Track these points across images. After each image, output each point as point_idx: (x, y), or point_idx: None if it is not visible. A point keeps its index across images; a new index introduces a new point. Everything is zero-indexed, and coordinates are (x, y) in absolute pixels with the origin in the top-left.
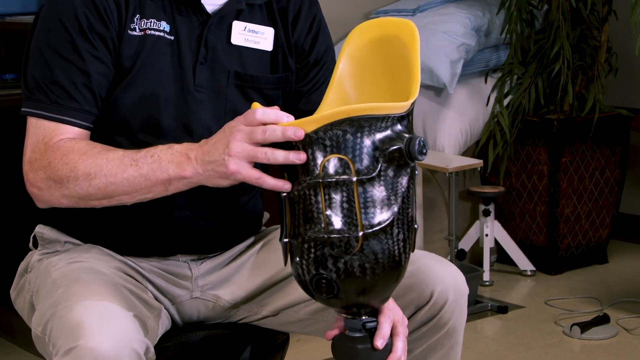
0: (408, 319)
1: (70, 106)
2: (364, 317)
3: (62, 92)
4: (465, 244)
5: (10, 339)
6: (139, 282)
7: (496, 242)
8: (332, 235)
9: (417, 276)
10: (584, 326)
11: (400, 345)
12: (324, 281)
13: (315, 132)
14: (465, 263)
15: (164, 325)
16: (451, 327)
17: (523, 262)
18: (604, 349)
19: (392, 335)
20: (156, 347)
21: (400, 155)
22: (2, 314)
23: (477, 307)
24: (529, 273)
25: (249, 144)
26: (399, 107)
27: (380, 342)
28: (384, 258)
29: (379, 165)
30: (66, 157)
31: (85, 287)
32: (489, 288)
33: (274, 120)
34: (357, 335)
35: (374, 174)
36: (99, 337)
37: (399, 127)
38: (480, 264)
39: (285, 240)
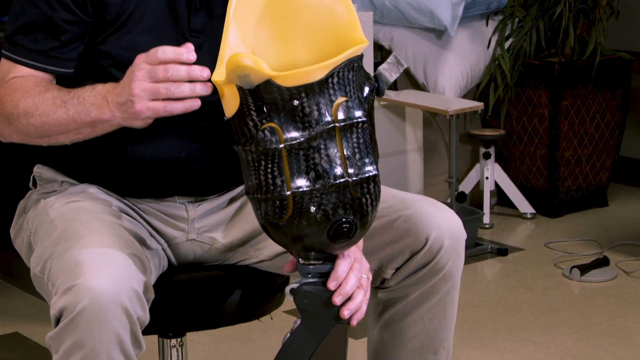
0: (403, 264)
1: (27, 47)
2: (328, 263)
3: (23, 37)
4: (466, 186)
5: (10, 280)
6: (136, 221)
7: (496, 184)
8: (353, 178)
9: (412, 221)
10: (584, 269)
11: (351, 280)
12: (345, 225)
13: (325, 78)
14: (466, 206)
15: (160, 265)
16: (447, 272)
17: (523, 204)
18: (603, 291)
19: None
20: (153, 286)
21: (372, 89)
22: (2, 255)
23: (477, 250)
24: (529, 216)
25: (151, 82)
26: (365, 42)
27: (333, 284)
28: (379, 192)
29: (367, 103)
30: (12, 94)
31: (84, 226)
32: (489, 231)
33: (172, 58)
34: (318, 280)
35: (370, 112)
36: (98, 276)
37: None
38: (481, 207)
39: (287, 193)
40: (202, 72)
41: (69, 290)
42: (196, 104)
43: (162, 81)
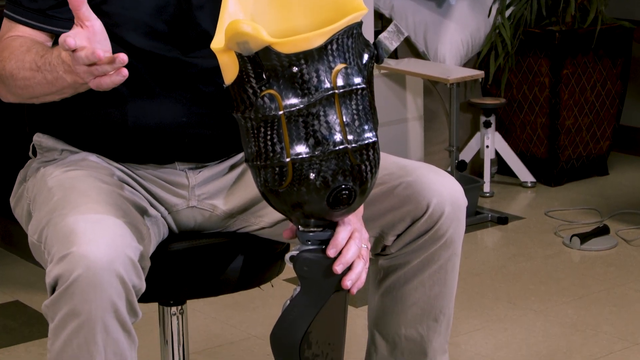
0: (404, 231)
1: (26, 6)
2: (328, 230)
3: None
4: (466, 155)
5: (11, 249)
6: (135, 190)
7: (497, 153)
8: (352, 145)
9: (413, 188)
10: (584, 237)
11: (352, 248)
12: (345, 192)
13: (325, 44)
14: (466, 174)
15: (160, 233)
16: (448, 239)
17: (523, 173)
18: (603, 259)
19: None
20: (154, 254)
21: (372, 56)
22: (2, 224)
23: (477, 218)
24: (529, 184)
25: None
26: (364, 9)
27: (332, 251)
28: (378, 158)
29: (367, 70)
30: (2, 54)
31: (80, 195)
32: (489, 199)
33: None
34: (318, 247)
35: (369, 79)
36: (92, 244)
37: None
38: (481, 175)
39: (287, 160)
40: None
41: (63, 258)
42: (123, 57)
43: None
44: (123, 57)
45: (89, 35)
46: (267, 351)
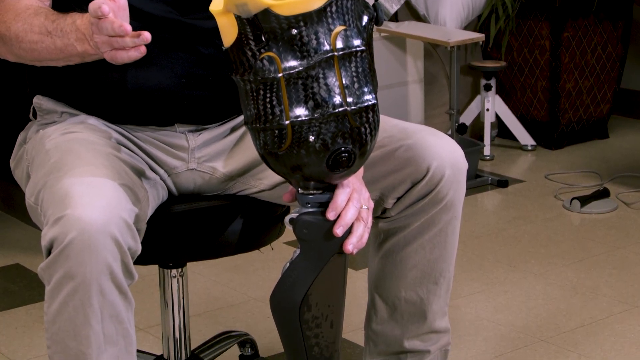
0: (404, 193)
1: None
2: (327, 193)
3: None
4: (466, 118)
5: (11, 212)
6: (134, 152)
7: (497, 116)
8: (352, 107)
9: (413, 150)
10: (584, 200)
11: (351, 210)
12: (344, 154)
13: (324, 6)
14: (466, 137)
15: (160, 195)
16: (448, 201)
17: (524, 136)
18: (603, 222)
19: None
20: (153, 216)
21: (371, 18)
22: (3, 187)
23: (478, 181)
24: (530, 147)
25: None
26: None
27: (332, 214)
28: (378, 121)
29: (366, 32)
30: (5, 15)
31: (76, 157)
32: (490, 162)
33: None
34: (317, 210)
35: (368, 41)
36: (87, 206)
37: None
38: (481, 139)
39: (286, 122)
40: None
41: (58, 221)
42: (147, 36)
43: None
44: (147, 36)
45: (115, 9)
46: (267, 314)
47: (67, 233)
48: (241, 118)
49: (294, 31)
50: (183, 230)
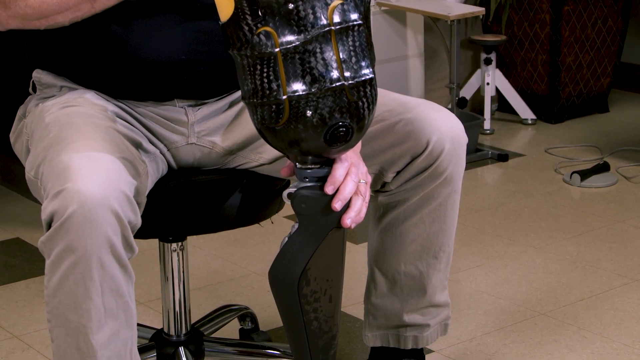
0: (404, 167)
1: None
2: (325, 167)
3: None
4: (467, 92)
5: (11, 187)
6: (134, 126)
7: (497, 90)
8: (349, 82)
9: (413, 124)
10: (584, 174)
11: (349, 184)
12: (342, 129)
13: None
14: (466, 111)
15: (159, 169)
16: (448, 175)
17: (524, 110)
18: (603, 196)
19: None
20: (153, 190)
21: None
22: (2, 161)
23: (478, 155)
24: (530, 121)
25: None
26: None
27: (330, 188)
28: (376, 95)
29: (363, 6)
30: None
31: (76, 131)
32: (490, 136)
33: None
34: (315, 184)
35: (366, 15)
36: (86, 180)
37: None
38: (481, 112)
39: (283, 97)
40: None
41: (58, 194)
42: None
43: None
44: None
45: None
46: (267, 287)
47: (67, 206)
48: (239, 93)
49: (291, 5)
50: (183, 204)
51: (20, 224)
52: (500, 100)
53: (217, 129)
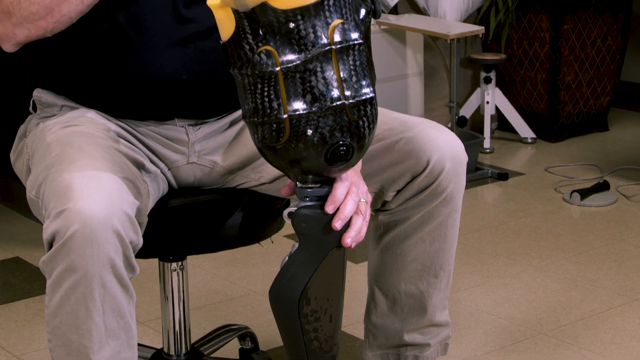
0: (404, 186)
1: None
2: (326, 186)
3: None
4: (466, 111)
5: (11, 206)
6: (135, 146)
7: (497, 109)
8: (350, 101)
9: (414, 143)
10: (584, 193)
11: (349, 204)
12: (343, 148)
13: (321, 0)
14: (466, 130)
15: (160, 189)
16: (448, 194)
17: (524, 129)
18: (603, 215)
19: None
20: (153, 209)
21: (369, 11)
22: (2, 180)
23: (478, 174)
24: (530, 140)
25: None
26: None
27: (330, 207)
28: (376, 114)
29: (364, 25)
30: None
31: (78, 150)
32: (490, 155)
33: None
34: (316, 203)
35: (366, 34)
36: (88, 199)
37: None
38: (481, 131)
39: (284, 116)
40: None
41: (60, 214)
42: None
43: None
44: None
45: None
46: (267, 307)
47: (69, 226)
48: (239, 112)
49: (292, 25)
50: (183, 224)
51: (20, 243)
52: (500, 119)
53: (217, 148)
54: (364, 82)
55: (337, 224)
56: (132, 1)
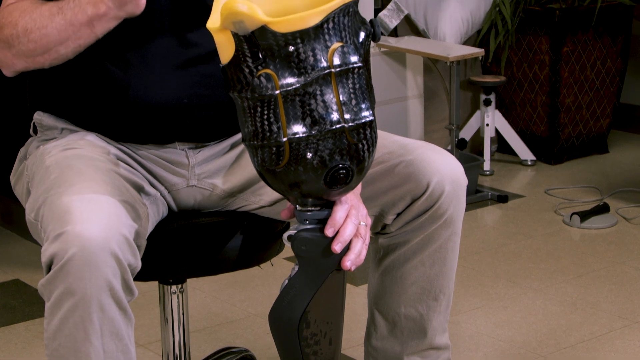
0: (404, 209)
1: None
2: (325, 209)
3: None
4: (466, 133)
5: (11, 228)
6: (134, 169)
7: (497, 131)
8: (349, 124)
9: (413, 166)
10: (584, 215)
11: (349, 227)
12: (342, 171)
13: (320, 23)
14: (466, 152)
15: (160, 212)
16: (448, 218)
17: (523, 151)
18: (603, 238)
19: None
20: (153, 232)
21: (368, 34)
22: (2, 203)
23: (478, 197)
24: (530, 162)
25: None
26: None
27: (330, 231)
28: (376, 137)
29: (363, 48)
30: (10, 17)
31: (77, 173)
32: (490, 177)
33: None
34: (316, 226)
35: (366, 57)
36: (87, 223)
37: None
38: (481, 154)
39: (284, 139)
40: None
41: (58, 237)
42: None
43: None
44: None
45: None
46: (267, 330)
47: (68, 249)
48: (239, 135)
49: (291, 48)
50: (183, 246)
51: (20, 265)
52: (499, 141)
53: (217, 171)
54: (363, 105)
55: (337, 247)
56: (135, 25)
